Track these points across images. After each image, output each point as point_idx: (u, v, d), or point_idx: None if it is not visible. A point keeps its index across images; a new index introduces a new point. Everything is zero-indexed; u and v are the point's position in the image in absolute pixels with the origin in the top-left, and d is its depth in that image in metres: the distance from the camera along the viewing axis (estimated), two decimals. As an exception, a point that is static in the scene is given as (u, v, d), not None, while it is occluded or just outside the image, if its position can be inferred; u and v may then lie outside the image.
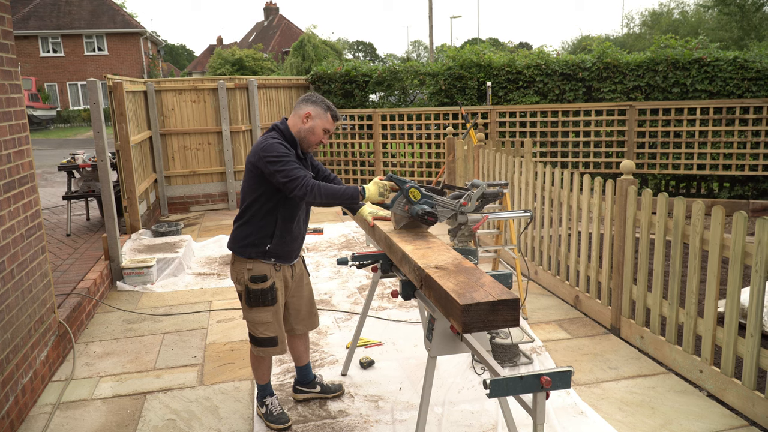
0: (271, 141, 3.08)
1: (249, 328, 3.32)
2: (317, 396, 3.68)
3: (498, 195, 3.46)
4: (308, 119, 3.17)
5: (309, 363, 3.70)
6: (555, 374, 2.19)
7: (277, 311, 3.27)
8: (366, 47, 66.95)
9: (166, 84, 9.34)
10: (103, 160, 5.91)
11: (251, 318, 3.27)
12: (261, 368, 3.44)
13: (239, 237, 3.22)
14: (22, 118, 3.89)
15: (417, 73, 10.80)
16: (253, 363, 3.44)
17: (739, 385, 3.42)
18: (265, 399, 3.47)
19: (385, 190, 3.11)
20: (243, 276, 3.22)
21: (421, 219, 3.07)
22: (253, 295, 3.21)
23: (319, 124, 3.17)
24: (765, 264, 3.19)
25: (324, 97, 3.25)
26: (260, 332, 3.27)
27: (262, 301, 3.22)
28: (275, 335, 3.28)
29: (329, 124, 3.20)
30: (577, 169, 9.52)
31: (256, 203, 3.15)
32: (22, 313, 3.65)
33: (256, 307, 3.23)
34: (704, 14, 37.86)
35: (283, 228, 3.19)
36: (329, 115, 3.18)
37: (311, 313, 3.56)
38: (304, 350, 3.65)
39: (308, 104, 3.18)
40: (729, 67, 8.84)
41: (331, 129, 3.23)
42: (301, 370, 3.69)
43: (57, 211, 9.12)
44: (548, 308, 5.12)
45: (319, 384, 3.70)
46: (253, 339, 3.32)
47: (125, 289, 5.84)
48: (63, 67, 37.92)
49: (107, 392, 3.87)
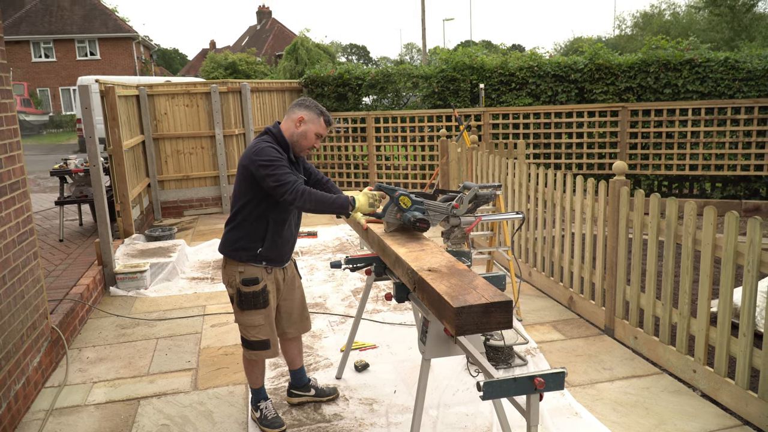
0: (264, 145, 3.08)
1: (241, 332, 3.31)
2: (312, 399, 3.67)
3: (491, 197, 3.47)
4: (301, 123, 3.17)
5: (303, 366, 3.70)
6: (548, 376, 2.20)
7: (269, 314, 3.27)
8: (359, 50, 66.96)
9: (159, 88, 9.31)
10: (95, 165, 5.89)
11: (243, 321, 3.26)
12: (254, 372, 3.43)
13: (230, 240, 3.22)
14: (13, 124, 3.87)
15: (410, 76, 10.81)
16: (246, 367, 3.43)
17: (732, 385, 3.43)
18: (260, 403, 3.45)
19: (375, 200, 3.12)
20: (234, 279, 3.22)
21: (414, 226, 3.08)
22: (245, 298, 3.21)
23: (312, 129, 3.18)
24: (757, 264, 3.21)
25: (317, 102, 3.25)
26: (252, 335, 3.26)
27: (254, 304, 3.21)
28: (267, 338, 3.28)
29: (322, 128, 3.20)
30: (570, 170, 9.54)
31: (248, 206, 3.15)
32: (14, 319, 3.63)
33: (248, 310, 3.23)
34: (695, 15, 38.06)
35: (275, 231, 3.19)
36: (322, 120, 3.19)
37: (303, 316, 3.56)
38: (297, 353, 3.65)
39: (301, 109, 3.19)
40: (720, 68, 8.88)
41: (324, 134, 3.23)
42: (295, 374, 3.68)
43: (50, 216, 9.08)
44: (542, 309, 5.12)
45: (314, 387, 3.69)
46: (245, 342, 3.31)
47: (118, 294, 5.82)
48: (55, 72, 37.79)
49: (101, 398, 3.85)
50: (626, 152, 9.30)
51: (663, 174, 9.26)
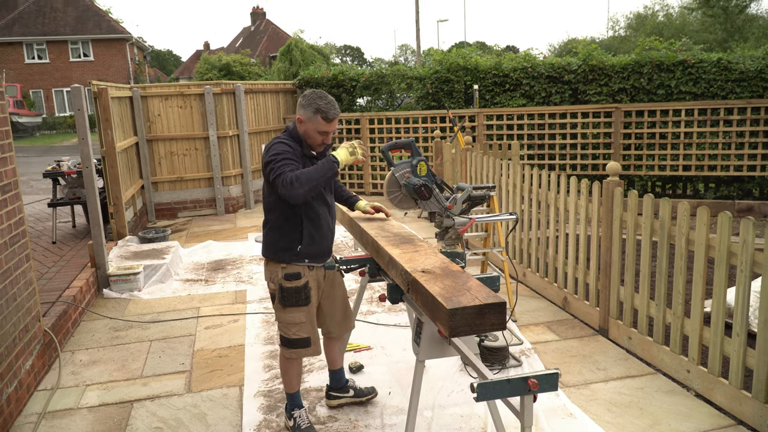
0: (274, 141, 3.09)
1: (281, 330, 3.25)
2: (351, 401, 3.61)
3: (485, 198, 3.47)
4: (300, 124, 3.13)
5: (342, 367, 3.65)
6: (542, 377, 2.20)
7: (310, 311, 3.22)
8: (353, 51, 66.98)
9: (152, 89, 9.28)
10: (88, 167, 5.86)
11: (284, 318, 3.21)
12: (290, 373, 3.34)
13: (270, 243, 3.20)
14: (5, 125, 3.85)
15: (404, 77, 10.82)
16: (283, 368, 3.35)
17: (726, 385, 3.44)
18: (294, 411, 3.36)
19: (353, 148, 3.10)
20: (277, 274, 3.18)
21: (417, 190, 3.09)
22: (287, 293, 3.16)
23: (310, 128, 3.11)
24: (750, 264, 3.22)
25: (319, 95, 3.10)
26: (293, 333, 3.20)
27: (296, 300, 3.17)
28: (308, 336, 3.22)
29: (322, 125, 3.09)
30: (564, 171, 9.56)
31: (277, 207, 3.13)
32: (6, 321, 3.61)
33: (290, 308, 3.18)
34: (688, 17, 38.23)
35: (311, 227, 3.15)
36: (319, 118, 3.07)
37: (346, 315, 3.51)
38: (338, 353, 3.60)
39: (299, 108, 3.14)
40: (713, 69, 8.92)
41: (326, 129, 3.11)
42: (335, 374, 3.62)
43: (42, 218, 9.03)
44: (537, 310, 5.13)
45: (353, 388, 3.64)
46: (284, 340, 3.25)
47: (112, 296, 5.79)
48: (48, 74, 37.61)
49: (94, 401, 3.83)
50: (620, 153, 9.33)
51: (656, 174, 9.29)
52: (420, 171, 3.19)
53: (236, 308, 5.38)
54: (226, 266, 6.69)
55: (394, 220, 3.54)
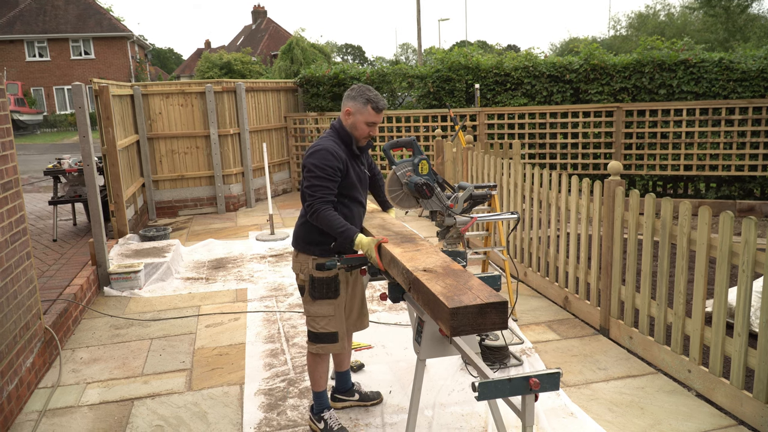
0: (321, 145, 3.06)
1: (308, 324, 3.23)
2: (356, 404, 3.59)
3: (486, 197, 3.46)
4: (349, 116, 3.13)
5: (349, 370, 3.63)
6: (543, 376, 2.19)
7: (339, 305, 3.20)
8: (355, 50, 66.98)
9: (153, 88, 9.28)
10: (89, 165, 5.86)
11: (313, 311, 3.19)
12: (318, 370, 3.31)
13: (302, 234, 3.19)
14: (6, 123, 3.85)
15: (405, 76, 10.81)
16: (310, 364, 3.33)
17: (727, 385, 3.43)
18: (323, 413, 3.32)
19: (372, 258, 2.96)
20: (307, 265, 3.16)
21: (419, 189, 3.09)
22: (318, 284, 3.14)
23: (360, 119, 3.10)
24: (752, 264, 3.21)
25: (368, 88, 3.13)
26: (321, 327, 3.19)
27: (326, 292, 3.15)
28: (336, 330, 3.20)
29: (371, 116, 3.09)
30: (565, 170, 9.56)
31: None
32: (7, 319, 3.61)
33: (319, 300, 3.17)
34: (690, 16, 38.21)
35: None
36: (369, 108, 3.08)
37: (362, 312, 3.48)
38: (347, 354, 3.59)
39: (348, 100, 3.13)
40: (715, 69, 8.91)
41: (375, 120, 3.11)
42: (341, 376, 3.60)
43: (43, 216, 9.03)
44: (538, 309, 5.12)
45: (358, 392, 3.62)
46: (311, 335, 3.23)
47: (112, 294, 5.79)
48: (49, 72, 37.60)
49: (94, 399, 3.83)
50: (621, 152, 9.32)
51: (658, 174, 9.28)
52: (422, 170, 3.18)
53: (237, 306, 5.38)
54: (227, 265, 6.69)
55: (395, 218, 3.54)
